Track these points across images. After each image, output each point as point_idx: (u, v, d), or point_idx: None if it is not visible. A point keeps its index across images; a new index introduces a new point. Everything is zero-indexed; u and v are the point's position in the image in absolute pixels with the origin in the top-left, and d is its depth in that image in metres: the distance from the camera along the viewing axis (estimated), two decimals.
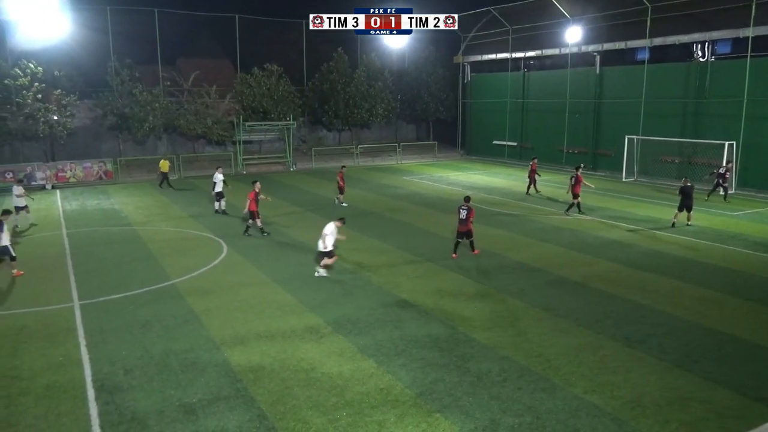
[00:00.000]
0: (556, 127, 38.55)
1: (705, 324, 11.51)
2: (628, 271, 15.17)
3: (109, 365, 9.79)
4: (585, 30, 35.88)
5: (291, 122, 39.36)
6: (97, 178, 32.81)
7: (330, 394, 8.80)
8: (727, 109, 28.97)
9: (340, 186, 24.99)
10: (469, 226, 16.33)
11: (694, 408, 8.39)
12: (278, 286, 13.98)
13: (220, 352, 10.25)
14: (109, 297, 13.21)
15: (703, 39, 30.36)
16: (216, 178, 23.04)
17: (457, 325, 11.45)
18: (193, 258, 16.50)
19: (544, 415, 8.21)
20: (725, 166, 26.01)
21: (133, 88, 35.83)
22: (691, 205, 20.18)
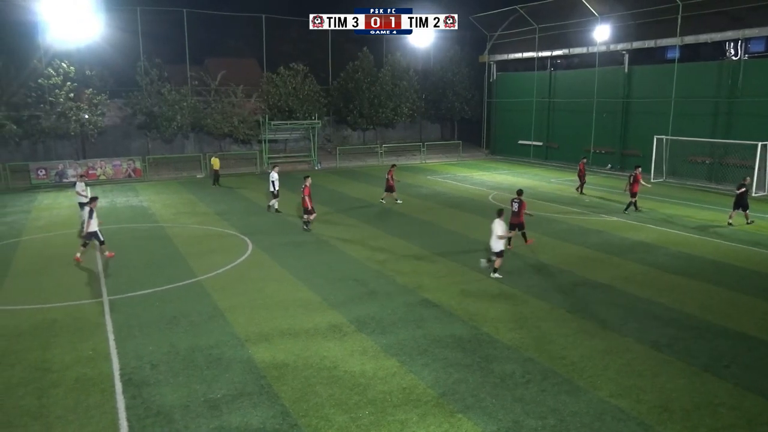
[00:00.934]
0: (583, 126, 38.06)
1: (736, 328, 11.25)
2: (656, 273, 14.90)
3: (136, 360, 9.96)
4: (613, 28, 35.36)
5: (316, 121, 39.56)
6: (126, 175, 33.42)
7: (352, 393, 8.82)
8: (761, 109, 28.28)
9: (389, 185, 24.94)
10: (521, 218, 17.19)
11: (724, 414, 8.21)
12: (302, 284, 14.07)
13: (244, 349, 10.35)
14: (137, 293, 13.44)
15: (736, 37, 29.67)
16: (272, 177, 22.94)
17: (481, 326, 11.38)
18: (219, 255, 16.70)
19: (568, 418, 8.12)
20: None
21: (161, 87, 36.40)
22: (747, 204, 20.41)
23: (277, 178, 22.93)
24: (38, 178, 31.22)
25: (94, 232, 15.81)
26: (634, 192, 22.47)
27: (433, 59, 48.04)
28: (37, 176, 31.21)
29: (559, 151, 40.77)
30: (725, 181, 29.53)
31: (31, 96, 32.70)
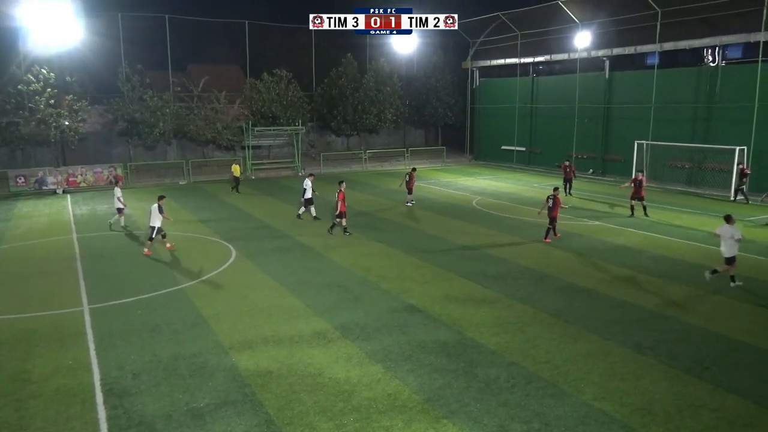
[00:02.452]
0: (565, 132, 38.44)
1: (717, 330, 11.40)
2: (639, 276, 15.06)
3: (117, 369, 9.83)
4: (594, 35, 35.81)
5: (300, 127, 39.50)
6: (107, 182, 33.05)
7: (337, 400, 8.78)
8: (738, 114, 28.77)
9: (409, 186, 26.01)
10: (555, 213, 18.57)
11: (705, 416, 8.30)
12: (286, 290, 14.00)
13: (228, 357, 10.27)
14: (119, 301, 13.27)
15: (714, 44, 30.19)
16: (306, 185, 22.71)
17: (465, 331, 11.40)
18: (202, 262, 16.57)
19: (553, 421, 8.15)
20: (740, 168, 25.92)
21: (143, 93, 36.11)
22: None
23: (310, 185, 22.67)
24: (17, 185, 30.77)
25: (156, 227, 17.55)
26: (641, 196, 22.68)
27: (416, 65, 48.27)
28: (16, 183, 30.77)
29: (541, 156, 41.11)
30: (704, 185, 29.98)
31: (10, 102, 32.26)
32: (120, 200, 21.28)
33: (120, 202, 21.28)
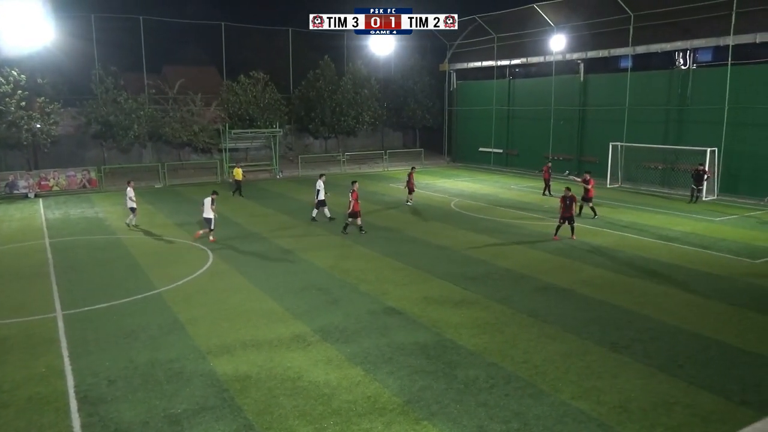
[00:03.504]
0: (542, 134, 38.86)
1: (690, 329, 11.61)
2: (614, 276, 15.28)
3: (92, 376, 9.66)
4: (569, 38, 36.27)
5: (277, 130, 39.29)
6: (80, 186, 32.50)
7: (317, 403, 8.74)
8: (709, 116, 29.40)
9: (410, 186, 26.75)
10: (572, 212, 19.40)
11: (679, 412, 8.45)
12: (265, 294, 13.90)
13: (206, 362, 10.16)
14: (93, 307, 13.05)
15: (684, 47, 30.82)
16: (318, 186, 22.63)
17: (444, 332, 11.44)
18: (179, 266, 16.37)
19: (532, 421, 8.22)
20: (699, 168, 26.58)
21: (117, 95, 35.57)
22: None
23: (323, 186, 22.65)
24: None
25: (209, 219, 19.28)
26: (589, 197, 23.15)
27: (394, 67, 48.36)
28: None
29: (518, 158, 41.50)
30: (677, 186, 30.56)
31: None
32: (132, 200, 21.85)
33: (132, 201, 21.83)
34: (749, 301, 13.24)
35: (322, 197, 22.52)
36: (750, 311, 12.62)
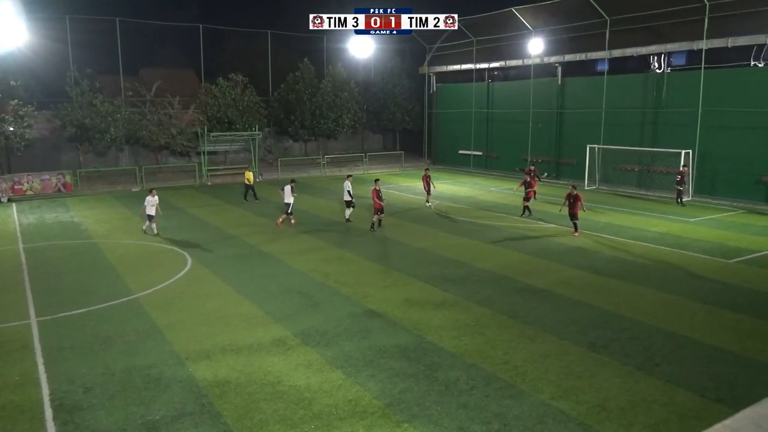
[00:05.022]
0: (521, 136, 39.19)
1: (666, 328, 11.79)
2: (592, 277, 15.46)
3: (68, 384, 9.48)
4: (547, 42, 36.65)
5: (256, 133, 39.06)
6: (55, 190, 31.94)
7: (297, 407, 8.69)
8: (683, 119, 29.91)
9: (427, 188, 27.00)
10: (576, 210, 20.23)
11: (657, 410, 8.56)
12: (244, 298, 13.79)
13: (184, 367, 10.04)
14: (68, 313, 12.82)
15: (659, 51, 31.33)
16: (346, 186, 22.93)
17: (425, 334, 11.47)
18: (157, 271, 16.17)
19: (512, 422, 8.27)
20: (681, 170, 26.99)
21: (93, 98, 35.03)
22: None
23: (350, 187, 23.04)
24: None
25: (289, 204, 21.97)
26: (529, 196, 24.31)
27: (373, 70, 48.40)
28: None
29: (498, 160, 41.80)
30: (653, 188, 31.04)
31: None
32: (152, 207, 20.94)
33: (152, 208, 20.95)
34: (723, 301, 13.49)
35: (348, 198, 22.97)
36: (724, 310, 12.86)
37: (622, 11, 31.89)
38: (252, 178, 29.41)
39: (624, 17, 31.99)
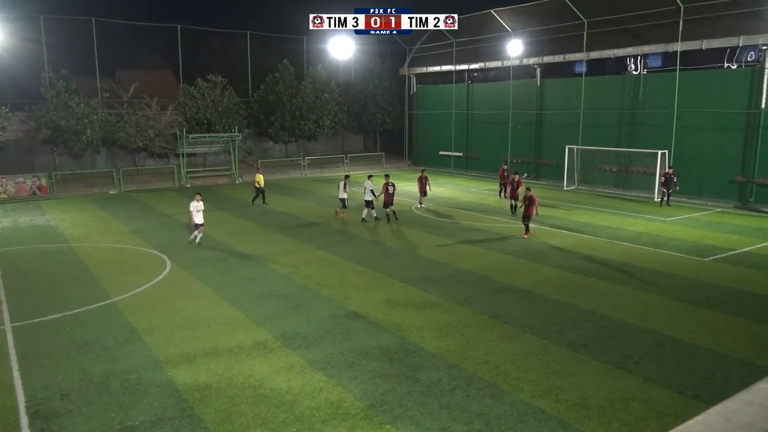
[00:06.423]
0: (500, 137, 39.46)
1: (644, 326, 11.95)
2: (571, 276, 15.61)
3: (44, 390, 9.31)
4: (526, 43, 36.95)
5: (236, 134, 38.77)
6: (30, 193, 31.36)
7: (279, 410, 8.64)
8: (660, 120, 30.37)
9: (423, 190, 26.69)
10: (531, 212, 20.25)
11: (635, 408, 8.67)
12: (225, 301, 13.68)
13: (164, 372, 9.92)
14: (44, 318, 12.59)
15: (636, 53, 31.76)
16: (367, 186, 23.24)
17: (407, 335, 11.48)
18: (135, 275, 15.96)
19: (494, 421, 8.31)
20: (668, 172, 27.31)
21: (69, 100, 34.45)
22: None
23: (372, 187, 23.41)
24: None
25: (343, 199, 23.67)
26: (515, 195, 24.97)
27: (354, 72, 48.35)
28: None
29: (478, 161, 42.02)
30: (631, 188, 31.46)
31: None
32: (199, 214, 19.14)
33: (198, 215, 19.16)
34: (699, 298, 13.72)
35: (369, 197, 23.28)
36: (700, 307, 13.08)
37: (600, 13, 32.31)
38: (263, 181, 28.33)
39: (601, 19, 32.40)
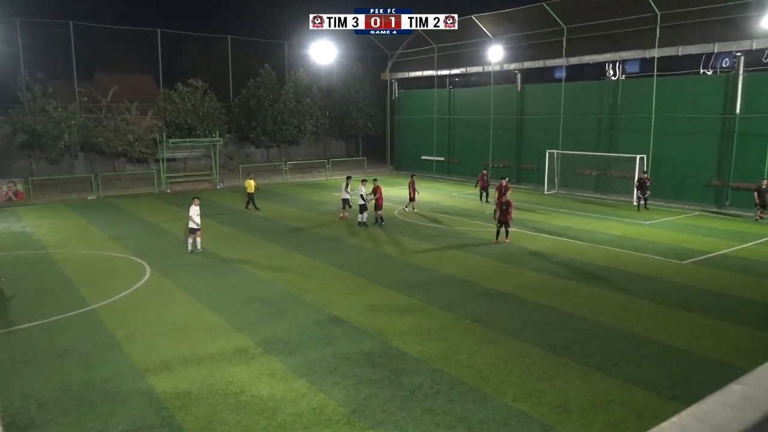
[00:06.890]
0: (482, 142, 39.72)
1: (624, 328, 12.09)
2: (552, 280, 15.75)
3: (21, 399, 9.14)
4: (506, 49, 37.29)
5: (217, 139, 38.52)
6: (6, 199, 30.82)
7: (261, 417, 8.58)
8: (638, 125, 30.82)
9: (412, 195, 26.74)
10: (508, 217, 19.99)
11: (616, 409, 8.77)
12: (205, 307, 13.56)
13: (143, 380, 9.79)
14: (21, 326, 12.37)
15: (614, 59, 32.25)
16: (360, 191, 23.42)
17: (389, 340, 11.48)
18: (114, 281, 15.75)
19: (476, 425, 8.34)
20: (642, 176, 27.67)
21: (46, 104, 33.95)
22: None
23: (364, 190, 23.57)
24: None
25: (346, 199, 24.20)
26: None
27: (335, 76, 48.35)
28: None
29: (460, 165, 42.23)
30: (610, 192, 31.86)
31: None
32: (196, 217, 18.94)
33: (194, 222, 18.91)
34: (678, 300, 13.92)
35: (362, 202, 23.44)
36: (679, 310, 13.27)
37: (579, 20, 32.73)
38: (253, 186, 28.01)
39: (580, 26, 32.82)
